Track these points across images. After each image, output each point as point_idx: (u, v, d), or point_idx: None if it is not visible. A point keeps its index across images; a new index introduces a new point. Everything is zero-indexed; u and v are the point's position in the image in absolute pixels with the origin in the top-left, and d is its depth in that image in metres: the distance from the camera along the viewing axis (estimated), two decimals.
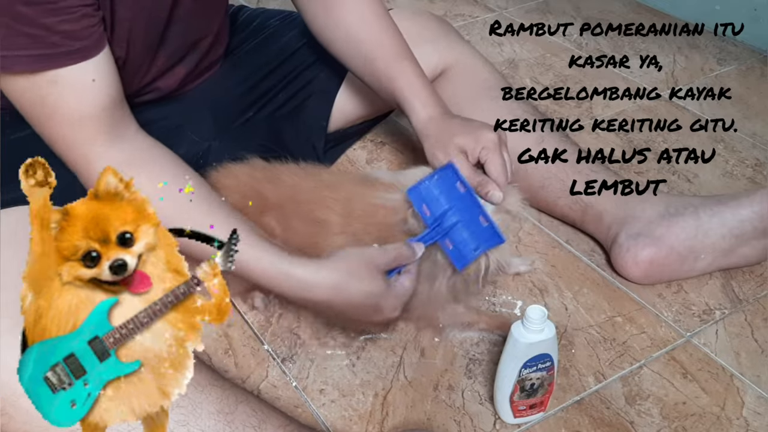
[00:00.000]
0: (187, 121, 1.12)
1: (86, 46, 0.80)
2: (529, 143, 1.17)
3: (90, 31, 0.81)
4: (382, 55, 1.03)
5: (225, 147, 1.13)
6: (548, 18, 1.87)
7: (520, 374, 0.86)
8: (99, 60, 0.82)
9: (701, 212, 1.08)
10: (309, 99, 1.21)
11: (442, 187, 0.91)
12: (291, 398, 0.94)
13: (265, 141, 1.18)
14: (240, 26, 1.24)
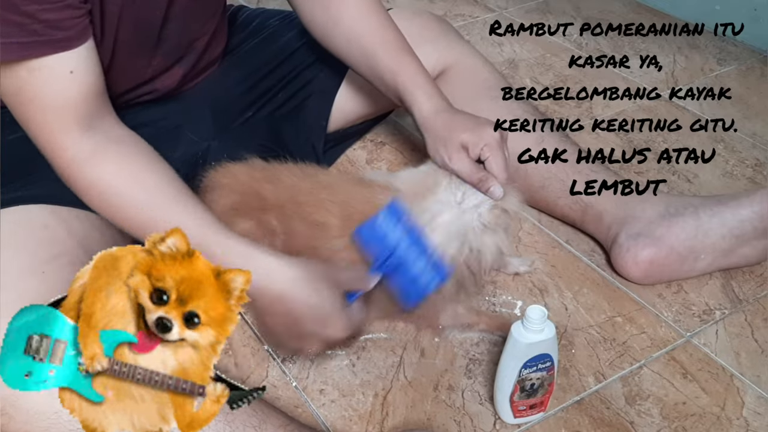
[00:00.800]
0: (187, 121, 1.12)
1: (68, 36, 0.80)
2: (529, 143, 1.17)
3: (73, 22, 0.80)
4: (383, 50, 1.03)
5: (224, 147, 1.13)
6: (548, 18, 1.87)
7: (520, 374, 0.86)
8: (80, 52, 0.82)
9: (701, 212, 1.08)
10: (309, 99, 1.21)
11: (387, 226, 0.91)
12: (291, 398, 0.94)
13: (265, 141, 1.18)
14: (239, 26, 1.24)
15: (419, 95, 0.99)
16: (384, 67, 1.02)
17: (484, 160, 0.93)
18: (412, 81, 1.00)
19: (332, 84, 1.22)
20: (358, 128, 1.32)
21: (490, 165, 0.93)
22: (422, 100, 0.99)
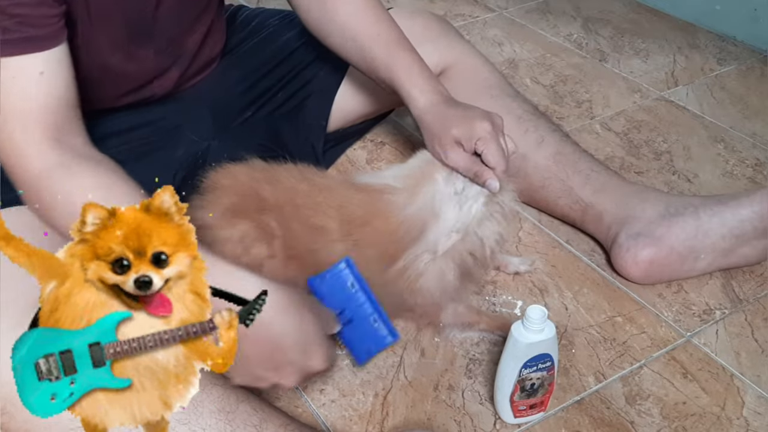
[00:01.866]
0: (186, 121, 1.12)
1: (39, 35, 0.77)
2: (528, 143, 1.17)
3: (47, 20, 0.77)
4: (379, 45, 1.02)
5: (224, 147, 1.13)
6: (548, 18, 1.87)
7: (521, 374, 0.86)
8: (52, 54, 0.78)
9: (701, 212, 1.08)
10: (308, 98, 1.21)
11: (335, 285, 0.91)
12: (291, 398, 0.94)
13: (265, 141, 1.18)
14: (239, 26, 1.24)
15: (413, 91, 0.99)
16: (379, 62, 1.02)
17: (479, 153, 0.93)
18: (407, 76, 1.00)
19: (332, 83, 1.22)
20: (358, 128, 1.32)
21: (486, 158, 0.92)
22: (416, 96, 0.99)
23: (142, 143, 1.07)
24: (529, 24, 1.84)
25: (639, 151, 1.40)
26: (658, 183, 1.32)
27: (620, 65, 1.68)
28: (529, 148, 1.17)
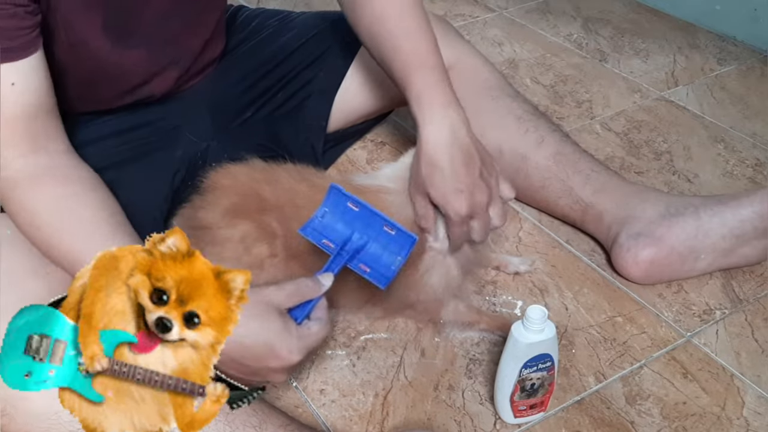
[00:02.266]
0: (185, 122, 1.12)
1: (11, 47, 0.77)
2: (529, 143, 1.17)
3: (19, 32, 0.77)
4: (399, 58, 0.96)
5: (224, 147, 1.13)
6: (548, 18, 1.87)
7: (521, 374, 0.86)
8: (25, 64, 0.78)
9: (702, 212, 1.08)
10: (308, 99, 1.21)
11: (335, 214, 0.87)
12: (291, 398, 0.94)
13: (264, 141, 1.18)
14: (239, 26, 1.23)
15: (420, 117, 0.93)
16: (396, 78, 0.97)
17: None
18: (417, 99, 0.93)
19: (332, 84, 1.21)
20: (357, 128, 1.32)
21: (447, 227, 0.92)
22: (421, 122, 0.93)
23: (142, 143, 1.07)
24: (529, 24, 1.84)
25: (639, 151, 1.40)
26: (658, 183, 1.32)
27: (620, 65, 1.68)
28: (530, 148, 1.17)
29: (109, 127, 1.05)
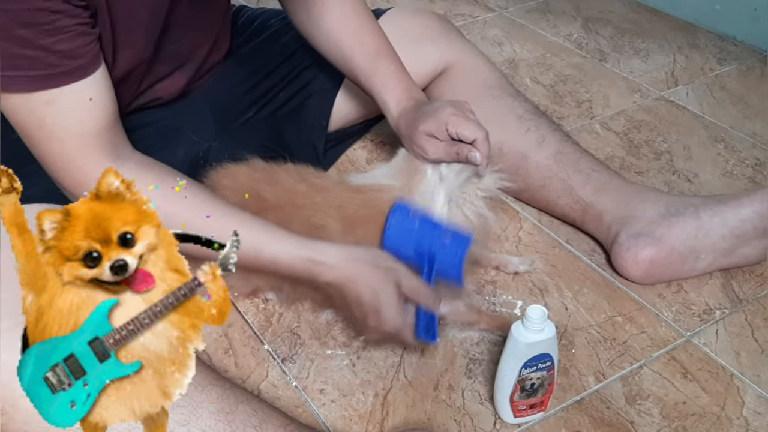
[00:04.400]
0: (187, 122, 1.12)
1: (83, 64, 0.80)
2: (529, 142, 1.18)
3: (86, 49, 0.80)
4: (360, 54, 1.04)
5: (225, 147, 1.13)
6: (548, 18, 1.87)
7: (521, 374, 0.86)
8: (96, 78, 0.82)
9: (702, 212, 1.08)
10: (309, 99, 1.21)
11: (400, 229, 0.94)
12: (291, 398, 0.94)
13: (266, 141, 1.18)
14: (241, 26, 1.24)
15: (389, 102, 1.02)
16: (359, 71, 1.04)
17: (455, 134, 0.95)
18: (384, 86, 1.02)
19: (333, 84, 1.22)
20: (358, 128, 1.32)
21: (462, 135, 0.94)
22: (391, 106, 1.02)
23: (144, 144, 1.07)
24: (529, 24, 1.84)
25: (639, 151, 1.40)
26: (658, 183, 1.32)
27: (620, 65, 1.67)
28: (530, 147, 1.17)
29: None
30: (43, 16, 0.74)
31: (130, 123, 1.06)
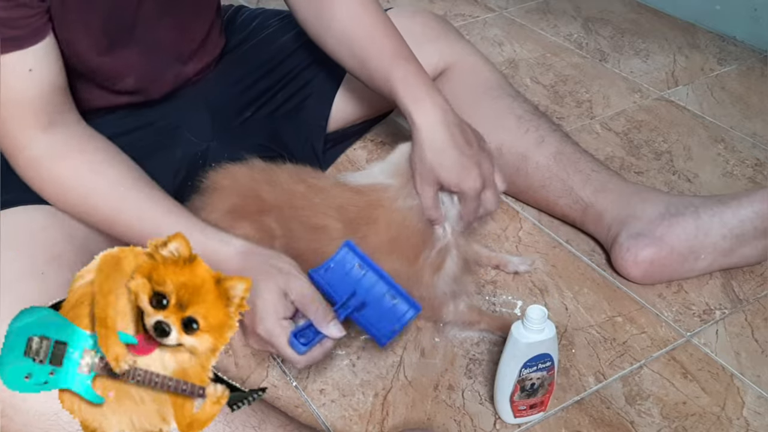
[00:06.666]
0: (186, 122, 1.12)
1: (21, 35, 0.80)
2: (529, 143, 1.17)
3: (27, 21, 0.80)
4: (376, 55, 1.00)
5: (224, 147, 1.13)
6: (548, 18, 1.87)
7: (521, 374, 0.86)
8: (38, 49, 0.82)
9: (702, 212, 1.08)
10: (308, 99, 1.21)
11: (341, 272, 0.88)
12: (291, 398, 0.94)
13: (264, 141, 1.18)
14: (239, 26, 1.23)
15: (411, 107, 0.95)
16: (375, 71, 1.00)
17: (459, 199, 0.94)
18: (404, 89, 0.96)
19: (332, 84, 1.21)
20: (357, 128, 1.32)
21: (461, 210, 0.95)
22: (414, 114, 0.95)
23: (142, 144, 1.07)
24: (529, 24, 1.84)
25: (639, 151, 1.40)
26: (658, 183, 1.32)
27: (620, 65, 1.67)
28: (530, 147, 1.17)
29: (109, 127, 1.04)
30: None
31: (130, 123, 1.07)
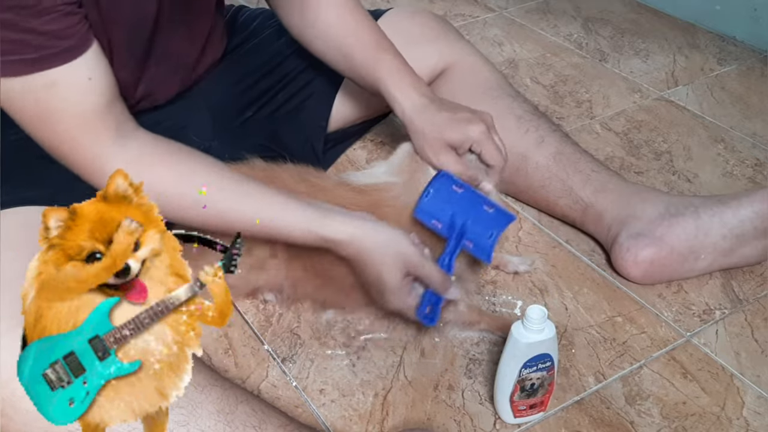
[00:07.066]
0: (187, 122, 1.12)
1: (74, 44, 0.79)
2: (529, 143, 1.17)
3: (75, 29, 0.79)
4: (360, 49, 1.03)
5: (225, 147, 1.13)
6: (548, 18, 1.87)
7: (520, 374, 0.86)
8: (90, 57, 0.81)
9: (702, 212, 1.08)
10: (308, 99, 1.21)
11: (442, 196, 0.95)
12: (291, 398, 0.94)
13: (265, 141, 1.18)
14: (240, 27, 1.23)
15: (397, 94, 1.00)
16: (361, 66, 1.03)
17: (477, 154, 0.96)
18: (390, 79, 1.01)
19: (332, 84, 1.22)
20: (357, 128, 1.32)
21: (485, 158, 0.96)
22: (400, 99, 1.00)
23: None
24: (529, 24, 1.84)
25: (639, 151, 1.40)
26: (658, 183, 1.32)
27: (620, 65, 1.67)
28: (530, 148, 1.17)
29: None
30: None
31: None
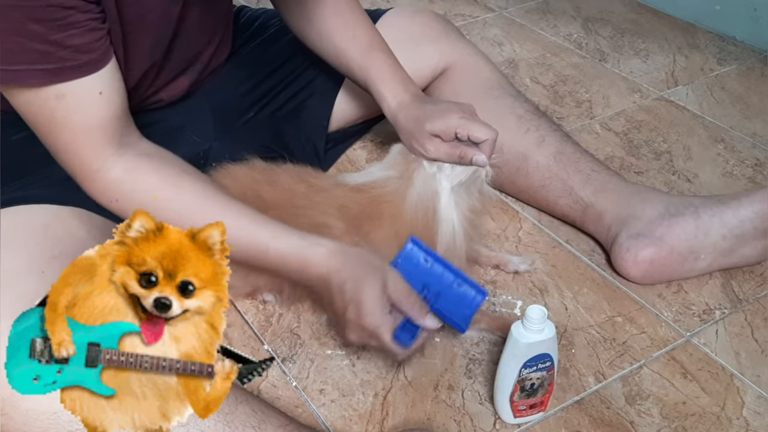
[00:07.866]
0: (188, 122, 1.12)
1: (93, 59, 0.81)
2: (529, 142, 1.17)
3: (98, 44, 0.81)
4: (353, 48, 1.05)
5: (226, 147, 1.13)
6: (548, 18, 1.87)
7: (520, 374, 0.86)
8: (106, 72, 0.83)
9: (702, 212, 1.08)
10: (310, 99, 1.21)
11: (409, 265, 0.92)
12: (291, 398, 0.94)
13: (266, 141, 1.18)
14: (241, 27, 1.24)
15: (385, 93, 1.02)
16: (353, 64, 1.05)
17: (465, 137, 0.95)
18: (379, 78, 1.02)
19: (333, 84, 1.22)
20: (358, 128, 1.32)
21: (474, 136, 0.95)
22: (387, 98, 1.02)
23: None
24: (529, 24, 1.84)
25: (639, 151, 1.40)
26: (658, 183, 1.32)
27: (620, 65, 1.67)
28: (530, 147, 1.17)
29: None
30: (56, 12, 0.76)
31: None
